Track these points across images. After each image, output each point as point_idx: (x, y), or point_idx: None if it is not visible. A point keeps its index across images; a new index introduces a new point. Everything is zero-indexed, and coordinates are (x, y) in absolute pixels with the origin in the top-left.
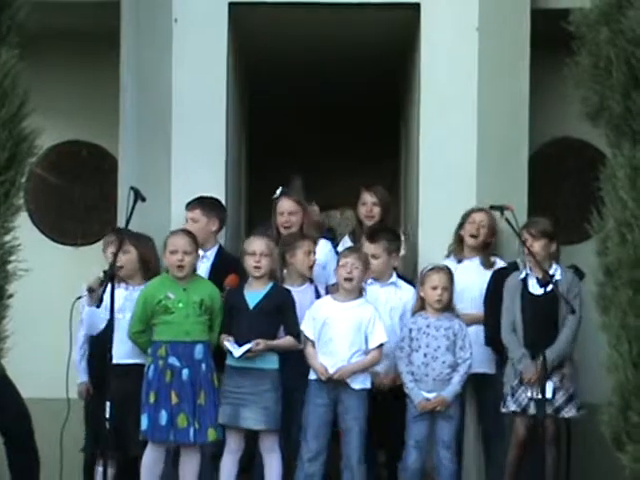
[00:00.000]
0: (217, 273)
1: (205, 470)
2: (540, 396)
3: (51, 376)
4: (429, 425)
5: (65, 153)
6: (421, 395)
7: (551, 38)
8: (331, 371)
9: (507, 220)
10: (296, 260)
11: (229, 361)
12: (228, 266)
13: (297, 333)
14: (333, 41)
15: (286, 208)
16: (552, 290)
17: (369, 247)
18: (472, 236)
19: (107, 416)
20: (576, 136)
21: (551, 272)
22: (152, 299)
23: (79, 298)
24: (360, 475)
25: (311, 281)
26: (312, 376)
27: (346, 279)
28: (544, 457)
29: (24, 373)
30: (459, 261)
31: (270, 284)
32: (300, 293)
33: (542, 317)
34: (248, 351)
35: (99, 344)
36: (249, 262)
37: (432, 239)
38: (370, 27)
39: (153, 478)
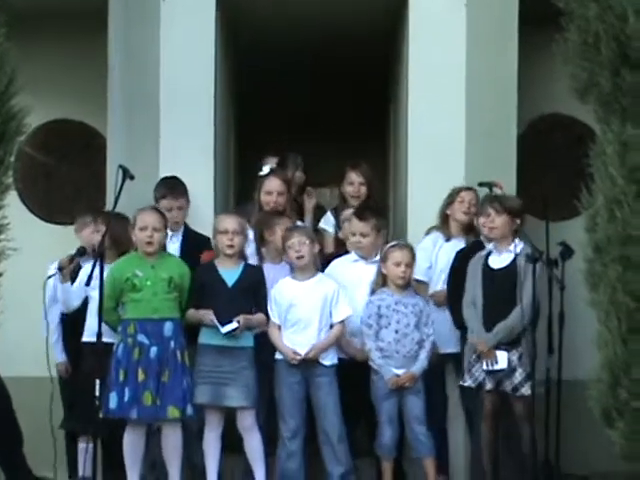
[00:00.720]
0: (187, 251)
1: (192, 446)
2: (496, 367)
3: (39, 354)
4: (397, 401)
5: (54, 132)
6: (391, 371)
7: (540, 14)
8: (302, 351)
9: (495, 196)
10: (275, 238)
11: (204, 340)
12: (197, 244)
13: (266, 311)
14: (321, 18)
15: (275, 188)
16: (511, 264)
17: (358, 225)
18: (465, 214)
19: (97, 394)
20: (565, 112)
21: (510, 248)
22: (120, 277)
23: (49, 277)
24: (343, 449)
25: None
26: (278, 356)
27: (297, 257)
28: (520, 434)
29: (12, 351)
30: (447, 239)
31: (242, 263)
32: (278, 270)
33: (500, 291)
34: (235, 329)
35: (74, 322)
36: (222, 240)
37: (421, 216)
38: (358, 4)
39: (136, 456)
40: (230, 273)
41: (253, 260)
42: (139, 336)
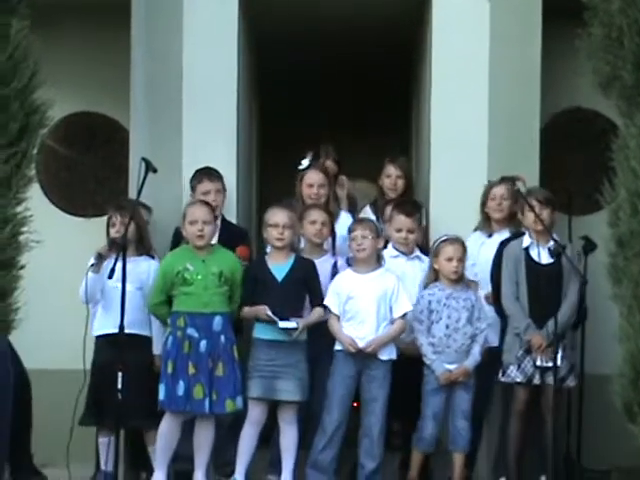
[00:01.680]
0: (225, 243)
1: (223, 441)
2: (551, 364)
3: (62, 347)
4: (445, 397)
5: (76, 124)
6: (443, 367)
7: (563, 8)
8: (361, 344)
9: (518, 190)
10: (305, 231)
11: (259, 334)
12: (235, 235)
13: (322, 302)
14: (345, 11)
15: (316, 180)
16: (558, 259)
17: (405, 221)
18: (499, 210)
19: (119, 387)
20: (588, 106)
21: (550, 243)
22: (171, 270)
23: (92, 266)
24: (380, 445)
25: (334, 253)
26: (338, 347)
27: (358, 250)
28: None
29: (35, 344)
30: (489, 235)
31: (292, 256)
32: (318, 264)
33: (548, 287)
34: (294, 329)
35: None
36: (272, 233)
37: (444, 210)
38: (382, 1)
39: (169, 448)
40: (280, 268)
41: None
42: (189, 329)
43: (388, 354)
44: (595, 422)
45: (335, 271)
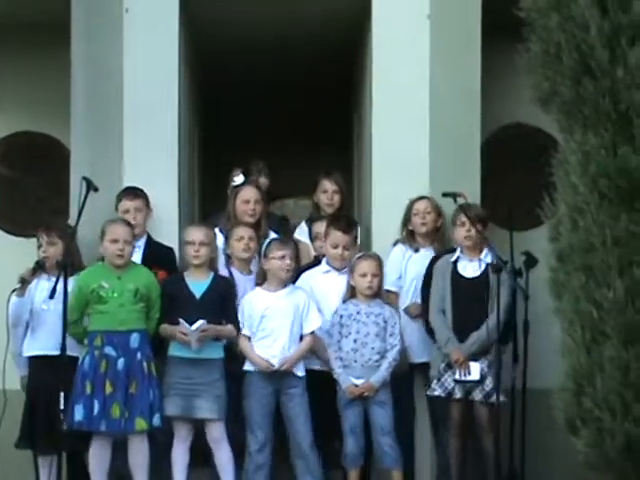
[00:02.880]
0: (149, 262)
1: (160, 459)
2: (469, 378)
3: None
4: (361, 410)
5: (17, 144)
6: (349, 380)
7: (502, 24)
8: (275, 362)
9: (461, 206)
10: (232, 248)
11: (174, 352)
12: (161, 254)
13: (237, 322)
14: (284, 30)
15: (252, 196)
16: (483, 274)
17: (342, 238)
18: (422, 224)
19: (61, 407)
20: (528, 122)
21: (481, 257)
22: (86, 288)
23: (14, 291)
24: (314, 460)
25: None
26: (249, 367)
27: (288, 270)
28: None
29: None
30: (416, 250)
31: (211, 274)
32: (245, 281)
33: (472, 300)
34: (202, 326)
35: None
36: (188, 251)
37: (385, 226)
38: (321, 16)
39: (101, 468)
40: (198, 285)
41: (224, 272)
42: (106, 348)
43: (301, 370)
44: (538, 436)
45: None
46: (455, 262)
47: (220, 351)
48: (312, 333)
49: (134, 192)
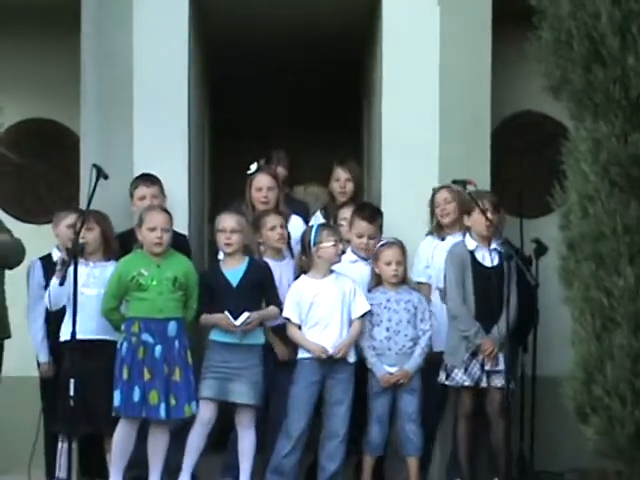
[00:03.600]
0: None
1: (170, 446)
2: (498, 368)
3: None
4: (391, 399)
5: (26, 131)
6: (384, 369)
7: (513, 12)
8: (330, 349)
9: (470, 194)
10: (264, 237)
11: (215, 337)
12: (176, 241)
13: (278, 304)
14: (295, 16)
15: (265, 184)
16: (501, 262)
17: (367, 228)
18: (443, 216)
19: (71, 394)
20: (538, 110)
21: (493, 246)
22: (126, 275)
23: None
24: (343, 447)
25: (292, 256)
26: (302, 355)
27: (339, 256)
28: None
29: None
30: (442, 239)
31: (246, 260)
32: (279, 267)
33: (494, 290)
34: (247, 319)
35: (58, 322)
36: (220, 239)
37: (395, 213)
38: (332, 2)
39: (124, 453)
40: (234, 273)
41: None
42: (143, 335)
43: (353, 356)
44: (548, 424)
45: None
46: (473, 252)
47: (261, 337)
48: (361, 318)
49: (150, 179)
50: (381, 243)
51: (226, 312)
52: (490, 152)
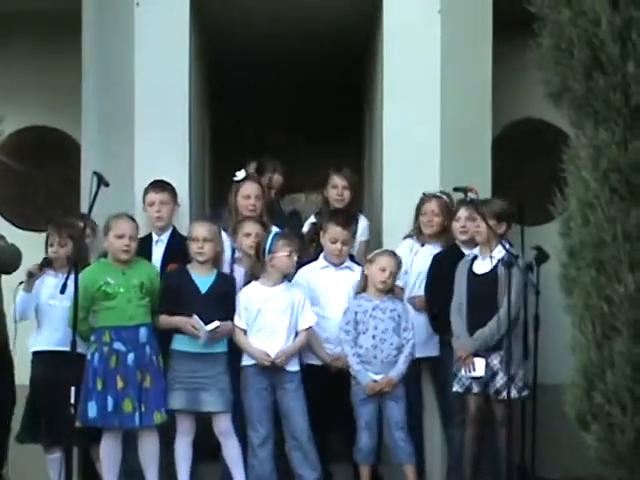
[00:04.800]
0: (171, 256)
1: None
2: (475, 374)
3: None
4: (376, 406)
5: (28, 138)
6: (369, 377)
7: (513, 20)
8: (272, 356)
9: (471, 201)
10: (239, 243)
11: (179, 346)
12: (182, 247)
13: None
14: (296, 24)
15: (253, 192)
16: (493, 269)
17: (341, 233)
18: (428, 226)
19: (72, 401)
20: (539, 117)
21: (494, 254)
22: (92, 286)
23: (21, 283)
24: (313, 453)
25: None
26: (246, 362)
27: (293, 267)
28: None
29: None
30: (422, 244)
31: (214, 271)
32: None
33: (483, 296)
34: (217, 327)
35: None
36: (192, 247)
37: (396, 222)
38: (333, 10)
39: (113, 464)
40: (203, 280)
41: (227, 266)
42: (115, 344)
43: (294, 366)
44: (549, 432)
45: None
46: (473, 260)
47: (224, 345)
48: (307, 330)
49: (161, 185)
50: (379, 251)
51: (195, 316)
52: (491, 159)
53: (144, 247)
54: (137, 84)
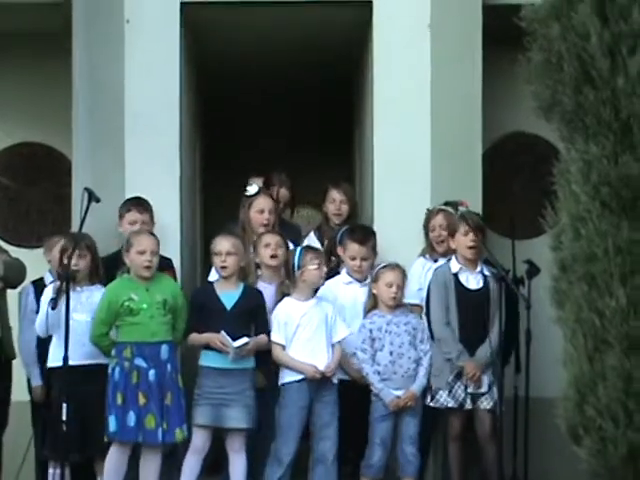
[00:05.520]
0: None
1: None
2: (481, 390)
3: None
4: (394, 423)
5: (18, 155)
6: (392, 394)
7: (503, 34)
8: (321, 368)
9: (462, 216)
10: (260, 256)
11: (207, 362)
12: (162, 265)
13: (268, 332)
14: (286, 42)
15: (267, 206)
16: (485, 285)
17: (360, 250)
18: (438, 244)
19: (64, 418)
20: (529, 131)
21: (478, 269)
22: (116, 302)
23: (52, 300)
24: (335, 470)
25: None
26: (288, 379)
27: (320, 279)
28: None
29: None
30: (435, 260)
31: (241, 285)
32: (272, 290)
33: (477, 312)
34: (245, 344)
35: (47, 346)
36: (216, 262)
37: (388, 236)
38: (322, 26)
39: (117, 478)
40: (229, 296)
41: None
42: (136, 360)
43: (336, 377)
44: (541, 445)
45: None
46: (456, 274)
47: (252, 361)
48: (340, 342)
49: (144, 205)
50: (383, 265)
51: (222, 332)
52: (482, 173)
53: (117, 264)
54: (127, 101)
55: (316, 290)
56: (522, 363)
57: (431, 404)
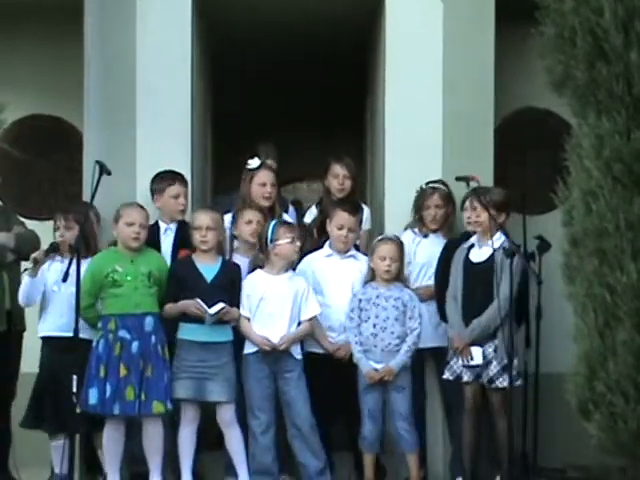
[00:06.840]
0: (182, 243)
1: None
2: (472, 363)
3: None
4: (380, 395)
5: (29, 127)
6: (369, 365)
7: (516, 9)
8: (275, 341)
9: (474, 190)
10: (240, 231)
11: (186, 335)
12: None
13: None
14: (299, 14)
15: (269, 180)
16: (489, 258)
17: (349, 220)
18: (432, 222)
19: (74, 390)
20: (541, 106)
21: (490, 242)
22: (100, 272)
23: (25, 270)
24: (316, 441)
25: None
26: (248, 350)
27: (296, 253)
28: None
29: None
30: (425, 236)
31: (220, 258)
32: (246, 262)
33: (479, 285)
34: (222, 309)
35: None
36: (196, 236)
37: (398, 211)
38: (335, 1)
39: (115, 451)
40: (209, 269)
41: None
42: (120, 331)
43: (298, 353)
44: (551, 421)
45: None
46: (469, 248)
47: (230, 334)
48: (310, 320)
49: (182, 177)
50: (379, 238)
51: (198, 299)
52: (493, 149)
53: (152, 236)
54: (139, 73)
55: (295, 267)
56: (532, 338)
57: (443, 377)
